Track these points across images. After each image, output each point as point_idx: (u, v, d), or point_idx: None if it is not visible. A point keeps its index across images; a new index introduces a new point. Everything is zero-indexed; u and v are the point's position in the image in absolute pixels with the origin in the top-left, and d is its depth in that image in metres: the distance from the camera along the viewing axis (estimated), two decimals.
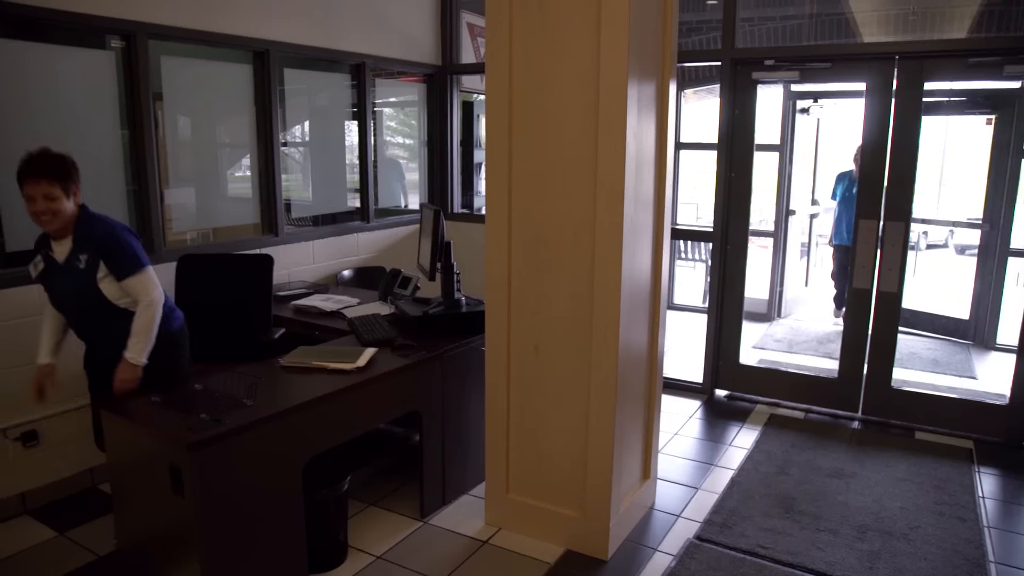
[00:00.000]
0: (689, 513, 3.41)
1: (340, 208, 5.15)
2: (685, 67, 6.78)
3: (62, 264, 2.71)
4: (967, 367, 5.73)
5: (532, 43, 2.79)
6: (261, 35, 4.18)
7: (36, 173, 2.55)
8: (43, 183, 2.55)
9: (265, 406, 2.52)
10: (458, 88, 5.77)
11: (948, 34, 6.02)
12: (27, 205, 2.57)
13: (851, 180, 6.39)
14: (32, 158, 2.57)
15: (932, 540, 3.20)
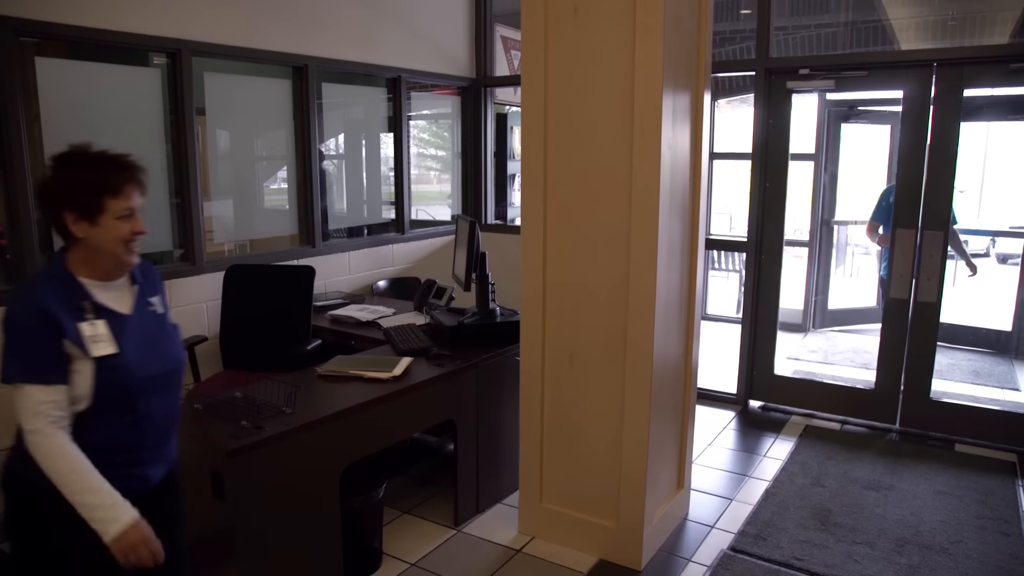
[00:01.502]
0: (723, 524, 3.39)
1: (376, 219, 5.22)
2: (718, 77, 6.76)
3: (137, 315, 1.83)
4: (1010, 378, 5.61)
5: (567, 54, 2.82)
6: (300, 51, 4.27)
7: (136, 178, 1.77)
8: (137, 192, 1.77)
9: (304, 414, 2.57)
10: (492, 100, 5.83)
11: (988, 40, 5.92)
12: (118, 228, 1.72)
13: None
14: (117, 157, 1.76)
15: (974, 555, 3.14)
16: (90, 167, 1.71)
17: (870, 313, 6.72)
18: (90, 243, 1.71)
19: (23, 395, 1.63)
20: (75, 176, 1.69)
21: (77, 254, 1.74)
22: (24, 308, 1.66)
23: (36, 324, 1.64)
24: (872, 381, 4.65)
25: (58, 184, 1.70)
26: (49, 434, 1.63)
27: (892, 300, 4.46)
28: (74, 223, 1.69)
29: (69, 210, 1.68)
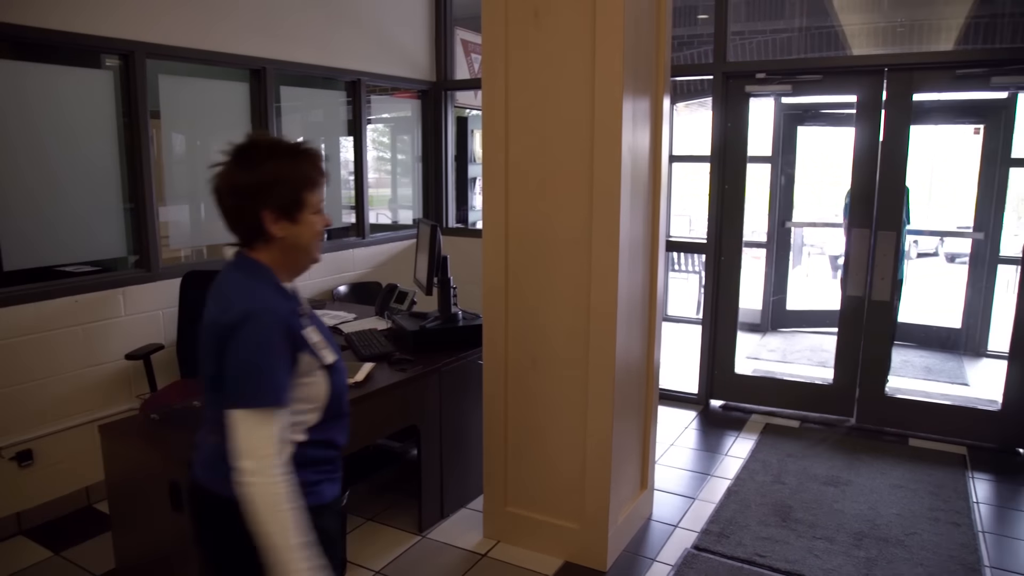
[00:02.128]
0: (686, 523, 3.43)
1: (336, 224, 5.17)
2: (677, 81, 6.84)
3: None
4: (959, 374, 5.78)
5: (528, 57, 2.83)
6: (257, 53, 4.21)
7: (324, 169, 1.65)
8: (324, 183, 1.66)
9: None
10: (452, 104, 5.82)
11: (935, 46, 6.09)
12: (315, 223, 1.62)
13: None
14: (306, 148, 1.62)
15: (928, 546, 3.22)
16: (286, 160, 1.56)
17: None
18: (288, 242, 1.58)
19: (264, 423, 1.46)
20: (273, 171, 1.54)
21: (267, 255, 1.59)
22: (270, 323, 1.50)
23: (281, 339, 1.50)
24: (830, 378, 4.75)
25: (255, 181, 1.53)
26: (282, 476, 1.46)
27: (848, 298, 4.56)
28: (273, 222, 1.55)
29: (269, 208, 1.54)
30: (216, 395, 1.54)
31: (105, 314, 3.56)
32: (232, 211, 1.57)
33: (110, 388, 3.60)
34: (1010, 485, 3.87)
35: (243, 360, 1.47)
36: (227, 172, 1.56)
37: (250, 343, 1.47)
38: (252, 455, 1.45)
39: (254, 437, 1.46)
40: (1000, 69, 4.06)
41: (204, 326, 1.58)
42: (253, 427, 1.46)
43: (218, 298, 1.58)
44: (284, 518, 1.46)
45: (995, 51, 4.47)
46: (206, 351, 1.56)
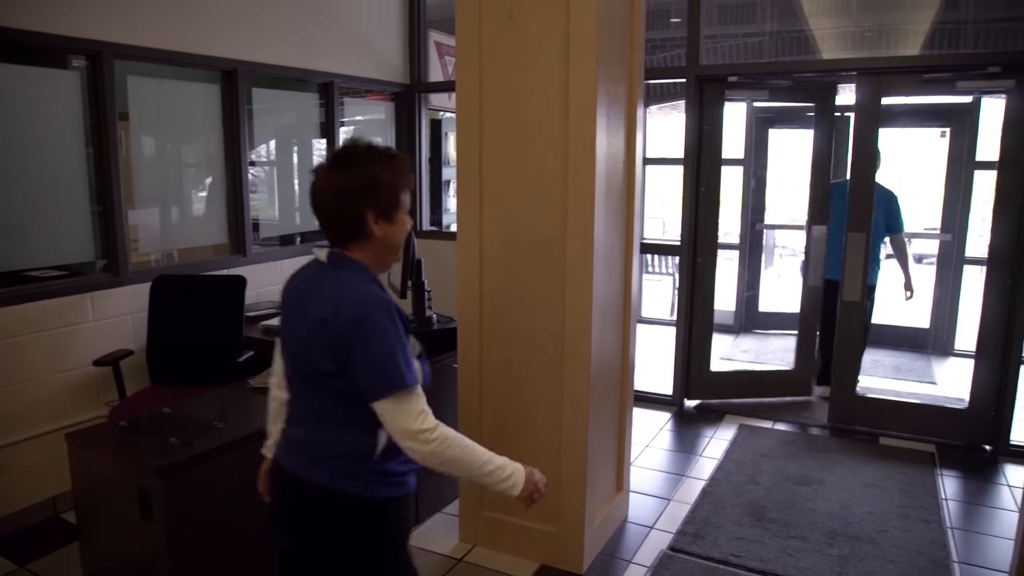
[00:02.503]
0: (662, 524, 3.44)
1: (309, 227, 5.12)
2: (650, 84, 6.87)
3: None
4: (927, 373, 5.88)
5: (502, 60, 2.83)
6: (229, 55, 4.16)
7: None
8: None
9: (237, 428, 2.50)
10: (426, 106, 5.80)
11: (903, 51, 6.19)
12: (406, 223, 1.75)
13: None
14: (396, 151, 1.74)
15: (899, 543, 3.26)
16: (385, 164, 1.67)
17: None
18: (384, 241, 1.69)
19: (412, 399, 1.61)
20: (375, 174, 1.65)
21: (362, 253, 1.69)
22: (389, 315, 1.61)
23: (399, 327, 1.63)
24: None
25: (360, 184, 1.63)
26: (439, 430, 1.63)
27: (809, 289, 4.65)
28: (374, 222, 1.65)
29: (372, 209, 1.64)
30: (318, 388, 1.67)
31: (73, 319, 3.49)
32: (336, 213, 1.66)
33: (78, 395, 3.53)
34: (977, 482, 3.93)
35: (376, 352, 1.58)
36: (331, 176, 1.65)
37: (379, 335, 1.58)
38: (409, 435, 1.59)
39: (405, 417, 1.59)
40: (965, 74, 4.13)
41: (313, 323, 1.63)
42: (401, 410, 1.59)
43: (326, 297, 1.64)
44: (468, 457, 1.65)
45: (960, 56, 4.56)
46: (315, 347, 1.63)
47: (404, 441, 1.60)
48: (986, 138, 5.99)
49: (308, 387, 1.71)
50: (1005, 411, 4.20)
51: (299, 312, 1.70)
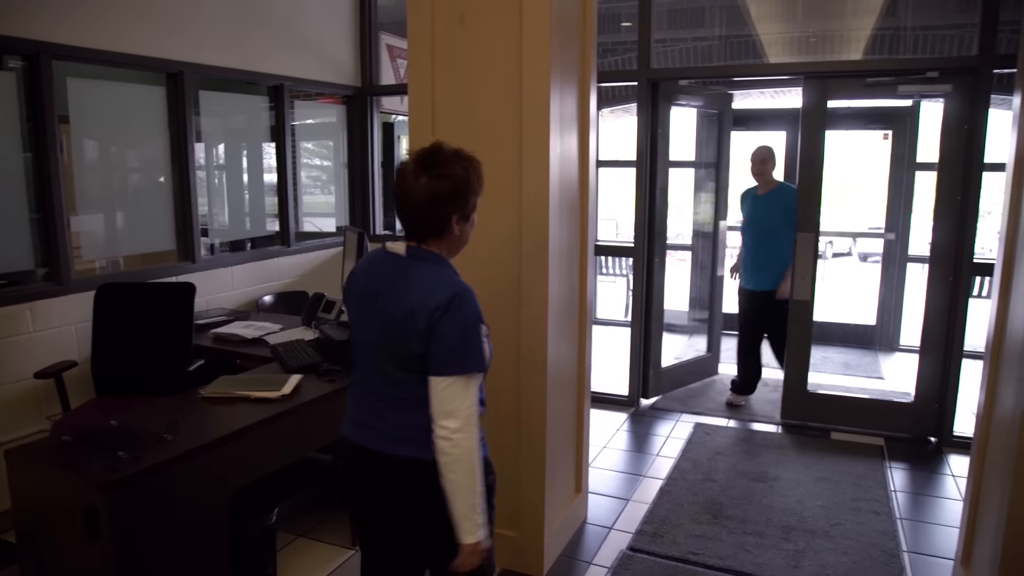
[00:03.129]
0: (621, 524, 3.45)
1: (260, 232, 5.03)
2: (602, 87, 6.93)
3: None
4: (875, 368, 6.03)
5: (454, 62, 2.81)
6: (174, 56, 4.06)
7: None
8: None
9: (187, 440, 2.43)
10: (378, 109, 5.75)
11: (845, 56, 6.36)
12: (475, 222, 1.91)
13: (755, 198, 4.97)
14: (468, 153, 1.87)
15: (851, 535, 3.33)
16: (470, 167, 1.81)
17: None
18: (460, 237, 1.86)
19: (474, 382, 1.74)
20: (461, 179, 1.78)
21: (438, 247, 1.84)
22: (473, 304, 1.76)
23: (478, 314, 1.76)
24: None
25: (451, 188, 1.76)
26: (477, 435, 1.75)
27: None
28: (457, 223, 1.80)
29: (457, 212, 1.79)
30: (413, 371, 1.76)
31: (11, 331, 3.36)
32: (426, 215, 1.78)
33: (18, 409, 3.40)
34: (924, 473, 4.05)
35: (456, 334, 1.71)
36: (422, 180, 1.75)
37: (460, 319, 1.72)
38: (457, 415, 1.70)
39: (460, 399, 1.70)
40: (906, 78, 4.26)
41: (406, 312, 1.74)
42: (460, 390, 1.71)
43: (415, 287, 1.77)
44: (475, 472, 1.73)
45: (901, 61, 4.70)
46: (408, 333, 1.74)
47: (447, 419, 1.71)
48: (926, 140, 6.18)
49: (403, 371, 1.80)
50: (948, 404, 4.33)
51: (386, 302, 1.79)
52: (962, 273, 4.20)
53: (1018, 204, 2.50)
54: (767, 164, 4.76)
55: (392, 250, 1.84)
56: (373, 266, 1.89)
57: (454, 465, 1.72)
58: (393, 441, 1.82)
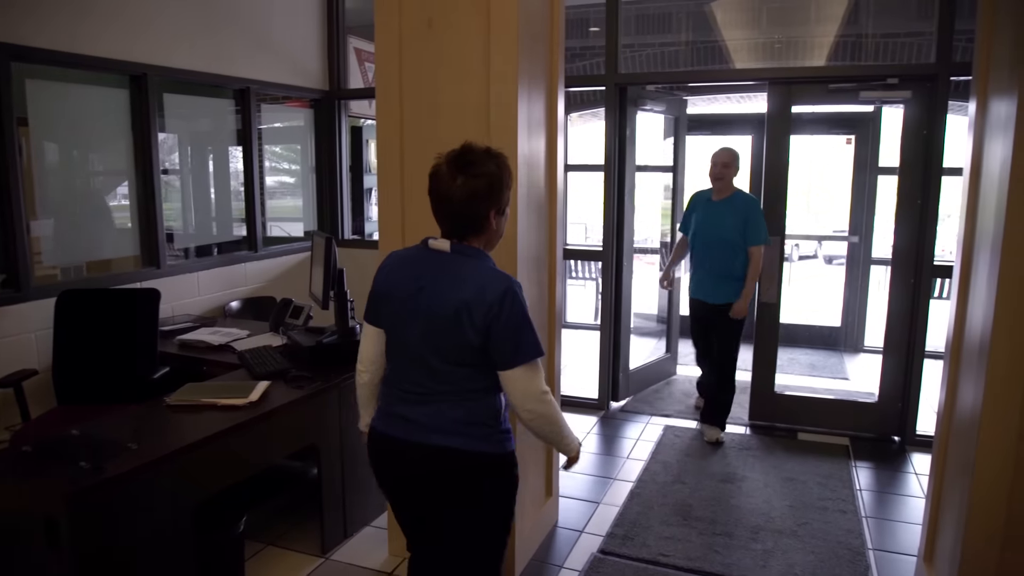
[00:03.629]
0: (592, 528, 3.47)
1: (227, 237, 4.97)
2: (570, 91, 6.97)
3: None
4: (840, 369, 6.13)
5: (422, 66, 2.80)
6: (137, 58, 4.00)
7: None
8: None
9: (152, 449, 2.39)
10: (346, 113, 5.72)
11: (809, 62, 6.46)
12: (508, 216, 2.06)
13: (710, 204, 4.44)
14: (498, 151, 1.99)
15: (818, 534, 3.38)
16: (500, 164, 1.91)
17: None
18: (497, 231, 1.98)
19: (538, 370, 1.88)
20: (496, 176, 1.89)
21: (478, 242, 1.95)
22: (522, 297, 1.87)
23: (525, 303, 1.88)
24: None
25: (487, 186, 1.86)
26: (550, 394, 1.92)
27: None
28: (494, 217, 1.92)
29: (493, 207, 1.90)
30: (454, 364, 1.87)
31: None
32: (467, 212, 1.88)
33: None
34: (888, 471, 4.12)
35: (516, 326, 1.83)
36: (460, 181, 1.84)
37: (518, 312, 1.84)
38: (534, 397, 1.87)
39: (533, 383, 1.86)
40: (867, 84, 4.34)
41: (458, 306, 1.82)
42: (532, 376, 1.86)
43: (466, 282, 1.85)
44: (557, 426, 1.97)
45: (862, 68, 4.78)
46: (456, 329, 1.83)
47: (528, 403, 1.87)
48: (887, 145, 6.31)
49: (448, 364, 1.88)
50: (911, 403, 4.42)
51: (431, 297, 1.86)
52: (923, 275, 4.29)
53: (975, 208, 2.56)
54: (729, 169, 4.28)
55: (435, 247, 1.92)
56: (412, 265, 1.95)
57: (540, 430, 1.95)
58: (428, 431, 1.91)
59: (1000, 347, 2.22)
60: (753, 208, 4.25)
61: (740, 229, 4.21)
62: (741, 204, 4.27)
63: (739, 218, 4.21)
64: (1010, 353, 2.21)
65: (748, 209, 4.23)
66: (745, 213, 4.21)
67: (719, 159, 4.31)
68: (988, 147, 2.45)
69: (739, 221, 4.20)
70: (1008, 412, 2.23)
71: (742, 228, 4.21)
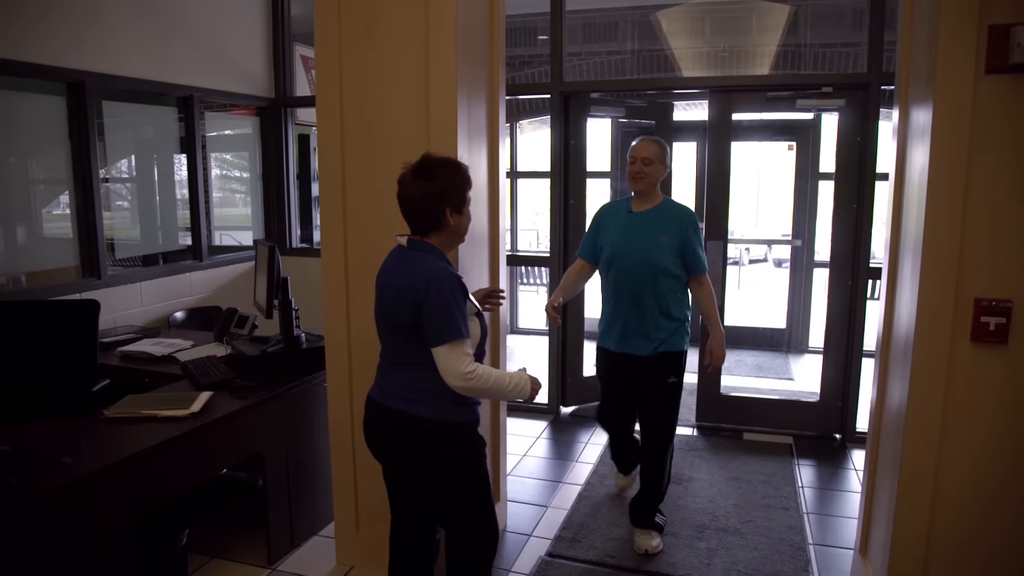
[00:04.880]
0: (540, 531, 3.49)
1: (172, 246, 4.90)
2: (521, 99, 7.06)
3: None
4: (786, 370, 6.28)
5: (362, 75, 2.81)
6: (75, 65, 3.93)
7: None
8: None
9: (88, 463, 2.35)
10: (293, 121, 5.68)
11: (754, 71, 6.64)
12: (469, 215, 2.32)
13: (630, 217, 3.27)
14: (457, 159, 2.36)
15: (761, 531, 3.46)
16: (454, 169, 2.21)
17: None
18: (455, 229, 2.24)
19: (460, 350, 2.10)
20: (449, 178, 2.17)
21: (436, 239, 2.22)
22: (451, 283, 2.11)
23: (456, 292, 2.11)
24: None
25: (439, 187, 2.15)
26: (478, 367, 2.14)
27: None
28: (450, 215, 2.18)
29: (449, 206, 2.16)
30: (402, 339, 2.19)
31: None
32: (422, 211, 2.17)
33: None
34: (829, 468, 4.24)
35: (437, 310, 2.08)
36: (414, 184, 2.16)
37: (440, 297, 2.08)
38: (457, 375, 2.09)
39: (455, 362, 2.09)
40: (803, 92, 4.48)
41: (397, 290, 2.15)
42: (454, 355, 2.09)
43: (406, 271, 2.16)
44: (496, 388, 2.21)
45: (799, 76, 4.94)
46: (396, 309, 2.15)
47: (452, 379, 2.10)
48: (827, 151, 6.49)
49: (395, 337, 2.21)
50: (851, 402, 4.55)
51: (388, 284, 2.20)
52: (859, 277, 4.43)
53: (899, 212, 2.66)
54: (653, 167, 3.17)
55: (399, 243, 2.25)
56: (389, 258, 2.28)
57: (482, 395, 2.22)
58: (388, 396, 2.24)
59: (922, 346, 2.32)
60: (691, 224, 3.18)
61: (676, 249, 3.15)
62: (675, 218, 3.18)
63: (674, 236, 3.15)
64: (931, 351, 2.31)
65: (686, 225, 3.17)
66: (682, 230, 3.15)
67: (639, 152, 3.21)
68: (910, 154, 2.55)
69: (674, 239, 3.14)
70: (932, 408, 2.32)
71: (679, 248, 3.15)
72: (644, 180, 3.21)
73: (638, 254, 3.17)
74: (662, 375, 3.21)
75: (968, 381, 2.30)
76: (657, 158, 3.21)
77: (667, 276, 3.16)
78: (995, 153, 2.19)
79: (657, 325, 3.18)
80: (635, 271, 3.17)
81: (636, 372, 3.25)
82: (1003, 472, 2.29)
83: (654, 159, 3.20)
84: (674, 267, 3.17)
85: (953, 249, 2.24)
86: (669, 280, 3.17)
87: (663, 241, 3.16)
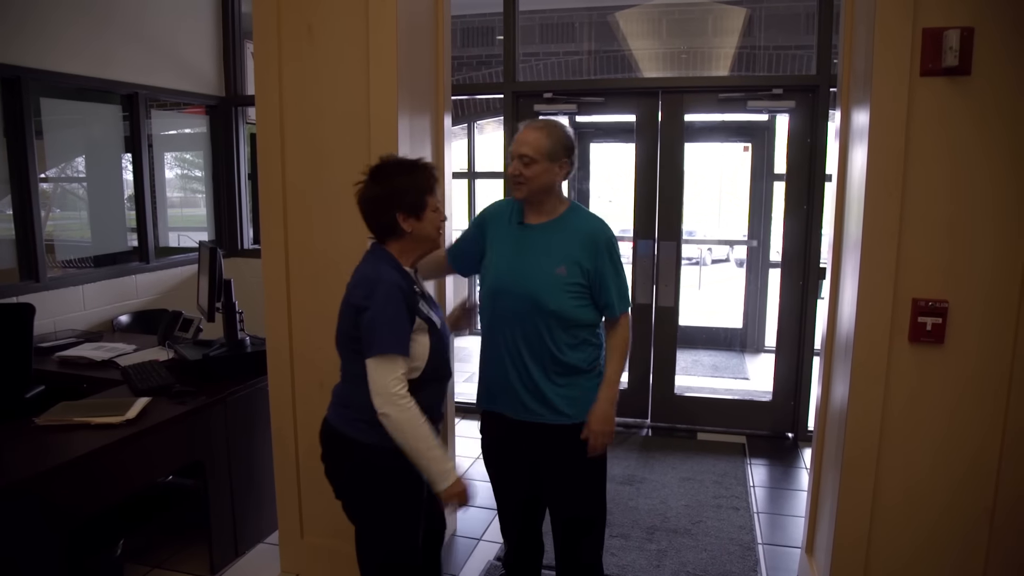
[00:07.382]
0: (490, 535, 3.46)
1: (118, 248, 4.77)
2: (479, 98, 7.03)
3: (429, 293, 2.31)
4: (741, 369, 6.33)
5: (303, 74, 2.76)
6: (10, 61, 3.80)
7: (437, 177, 2.16)
8: (439, 188, 2.20)
9: (11, 472, 2.26)
10: (244, 120, 5.58)
11: (712, 72, 6.69)
12: (434, 219, 2.09)
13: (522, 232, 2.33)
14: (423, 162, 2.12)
15: (711, 532, 3.47)
16: (410, 173, 2.04)
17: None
18: (415, 235, 2.06)
19: (390, 366, 1.92)
20: (402, 183, 2.02)
21: (399, 245, 2.07)
22: (389, 289, 1.95)
23: (399, 302, 1.95)
24: (625, 382, 5.01)
25: (390, 191, 2.01)
26: (409, 401, 1.93)
27: (636, 305, 4.84)
28: (404, 220, 2.02)
29: (400, 211, 2.01)
30: (345, 348, 2.05)
31: None
32: (373, 215, 2.06)
33: None
34: (781, 467, 4.27)
35: (372, 318, 1.93)
36: (366, 187, 2.04)
37: (379, 306, 1.93)
38: (381, 393, 1.91)
39: (384, 377, 1.91)
40: (755, 94, 4.51)
41: (345, 297, 2.05)
42: (384, 370, 1.92)
43: (355, 278, 2.06)
44: (415, 439, 1.94)
45: (750, 78, 4.98)
46: (341, 316, 2.06)
47: (377, 400, 1.92)
48: (781, 153, 6.56)
49: (340, 346, 2.09)
50: (802, 400, 4.60)
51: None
52: (810, 277, 4.47)
53: (843, 211, 2.68)
54: (538, 167, 2.23)
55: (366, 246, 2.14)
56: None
57: (394, 433, 1.95)
58: (331, 406, 2.17)
59: (863, 345, 2.34)
60: (607, 245, 2.27)
61: (580, 285, 2.24)
62: (582, 238, 2.26)
63: (576, 265, 2.23)
64: (871, 351, 2.32)
65: (599, 247, 2.25)
66: (592, 256, 2.25)
67: (518, 146, 2.26)
68: (851, 155, 2.58)
69: (576, 270, 2.23)
70: (872, 407, 2.35)
71: (585, 284, 2.25)
72: (525, 187, 2.25)
73: (529, 281, 2.24)
74: (571, 451, 2.33)
75: (907, 380, 2.32)
76: (543, 154, 2.21)
77: (564, 317, 2.23)
78: (931, 154, 2.22)
79: (552, 379, 2.27)
80: (522, 304, 2.24)
81: (530, 449, 2.40)
82: (941, 470, 2.33)
83: (538, 156, 2.21)
84: (575, 310, 2.24)
85: (891, 250, 2.27)
86: (566, 321, 2.24)
87: (559, 273, 2.22)
